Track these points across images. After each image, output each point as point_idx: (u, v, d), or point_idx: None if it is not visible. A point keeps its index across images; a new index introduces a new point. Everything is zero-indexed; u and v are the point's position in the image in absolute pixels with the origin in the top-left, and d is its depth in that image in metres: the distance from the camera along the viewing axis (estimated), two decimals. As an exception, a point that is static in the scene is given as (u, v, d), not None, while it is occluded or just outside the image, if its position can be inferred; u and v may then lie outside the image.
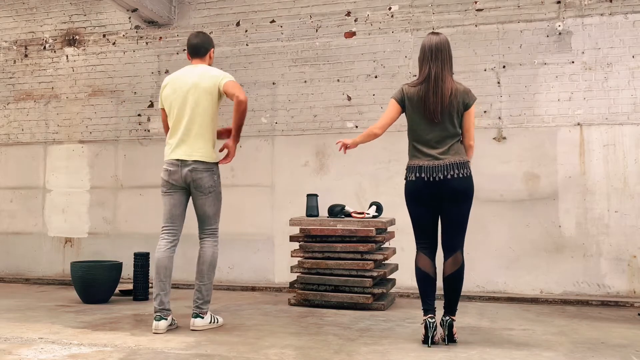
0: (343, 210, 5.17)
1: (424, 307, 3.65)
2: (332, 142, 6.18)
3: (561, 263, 5.50)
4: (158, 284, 3.97)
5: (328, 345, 3.60)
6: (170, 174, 4.01)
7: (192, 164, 3.96)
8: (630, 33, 5.49)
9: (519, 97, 5.72)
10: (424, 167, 3.59)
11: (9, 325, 4.18)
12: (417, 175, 3.61)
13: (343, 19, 6.25)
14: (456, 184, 3.56)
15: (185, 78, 4.05)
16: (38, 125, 7.22)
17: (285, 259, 5.98)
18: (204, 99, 3.98)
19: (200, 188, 4.00)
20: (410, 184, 3.67)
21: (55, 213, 7.03)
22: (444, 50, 3.63)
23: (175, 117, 4.03)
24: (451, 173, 3.55)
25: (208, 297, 4.07)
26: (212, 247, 4.11)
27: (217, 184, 4.06)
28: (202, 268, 4.07)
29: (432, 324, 3.55)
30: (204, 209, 4.06)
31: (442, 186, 3.56)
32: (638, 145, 5.43)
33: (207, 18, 6.69)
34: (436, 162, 3.57)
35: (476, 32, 5.86)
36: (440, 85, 3.57)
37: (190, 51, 4.18)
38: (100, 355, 3.35)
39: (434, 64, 3.60)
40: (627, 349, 3.53)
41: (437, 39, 3.66)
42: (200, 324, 4.02)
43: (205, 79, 3.99)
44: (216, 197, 4.07)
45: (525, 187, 5.63)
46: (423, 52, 3.67)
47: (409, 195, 3.70)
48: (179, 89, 4.03)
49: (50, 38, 7.26)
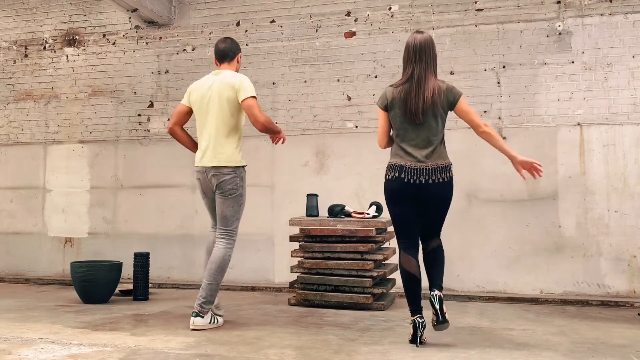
0: (343, 210, 5.17)
1: (411, 308, 3.59)
2: (332, 142, 6.19)
3: (561, 263, 5.50)
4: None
5: (328, 345, 3.60)
6: (200, 182, 4.19)
7: (216, 168, 4.06)
8: (630, 33, 5.49)
9: (519, 97, 5.72)
10: (405, 168, 3.57)
11: (9, 325, 4.18)
12: (396, 175, 3.58)
13: (343, 19, 6.25)
14: (437, 189, 3.55)
15: (210, 85, 4.14)
16: (38, 125, 7.22)
17: (285, 259, 5.98)
18: (225, 107, 4.08)
19: (221, 189, 4.07)
20: (389, 182, 3.64)
21: (55, 213, 7.03)
22: (428, 50, 3.60)
23: (202, 123, 4.16)
24: (433, 178, 3.54)
25: (211, 297, 4.07)
26: (225, 249, 4.10)
27: (239, 187, 4.11)
28: (211, 267, 4.08)
29: (421, 324, 3.53)
30: (222, 209, 4.10)
31: (422, 190, 3.55)
32: (638, 145, 5.43)
33: (207, 18, 6.69)
34: (419, 164, 3.55)
35: (476, 32, 5.86)
36: (422, 86, 3.54)
37: (218, 56, 4.27)
38: (100, 355, 3.35)
39: (417, 65, 3.57)
40: (627, 349, 3.53)
41: (421, 37, 3.61)
42: (200, 323, 4.02)
43: (225, 88, 4.08)
44: (236, 201, 4.11)
45: (525, 187, 5.63)
46: (407, 52, 3.62)
47: (388, 194, 3.67)
48: (205, 96, 4.14)
49: (50, 38, 7.26)
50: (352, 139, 6.12)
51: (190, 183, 6.58)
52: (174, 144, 6.69)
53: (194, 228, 6.53)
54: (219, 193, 4.09)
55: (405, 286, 3.64)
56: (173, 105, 6.73)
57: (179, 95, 6.71)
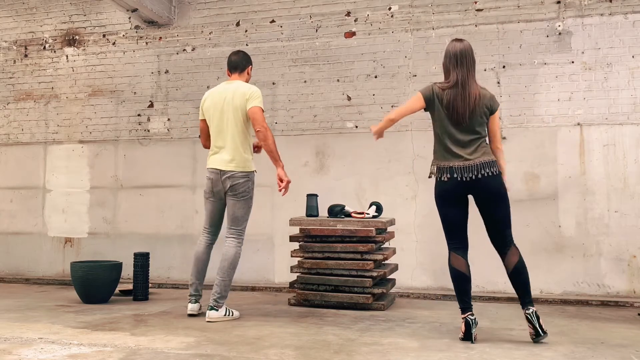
0: (343, 210, 5.17)
1: (461, 306, 3.72)
2: (332, 142, 6.19)
3: (561, 263, 5.50)
4: (195, 274, 4.49)
5: (328, 345, 3.60)
6: (211, 182, 4.45)
7: (230, 172, 4.38)
8: (630, 33, 5.49)
9: (519, 97, 5.72)
10: (455, 168, 3.70)
11: (9, 325, 4.18)
12: (449, 176, 3.71)
13: (343, 19, 6.25)
14: (489, 182, 3.68)
15: (223, 93, 4.46)
16: (38, 125, 7.22)
17: (285, 259, 5.98)
18: (236, 114, 4.39)
19: (234, 192, 4.39)
20: (442, 184, 3.76)
21: (55, 213, 7.03)
22: (468, 57, 3.79)
23: (214, 129, 4.46)
24: (482, 172, 3.66)
25: (225, 292, 4.37)
26: (235, 247, 4.42)
27: (250, 190, 4.45)
28: (223, 265, 4.38)
29: (473, 321, 3.65)
30: (234, 210, 4.41)
31: (475, 185, 3.68)
32: (638, 145, 5.43)
33: (207, 18, 6.69)
34: (467, 162, 3.68)
35: (476, 32, 5.86)
36: (467, 91, 3.71)
37: (230, 67, 4.59)
38: (100, 355, 3.35)
39: (460, 70, 3.75)
40: (627, 349, 3.53)
41: (461, 45, 3.81)
42: (215, 315, 4.30)
43: (238, 96, 4.39)
44: (247, 203, 4.44)
45: (525, 187, 5.63)
46: (448, 58, 3.81)
47: (440, 195, 3.79)
48: (217, 104, 4.44)
49: (50, 38, 7.26)
50: (352, 139, 6.12)
51: (190, 183, 6.58)
52: (174, 144, 6.71)
53: (193, 228, 6.53)
54: (231, 195, 4.39)
55: (455, 284, 3.77)
56: (173, 105, 6.74)
57: (179, 95, 6.73)
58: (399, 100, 5.87)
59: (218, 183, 4.41)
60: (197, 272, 4.53)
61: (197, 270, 4.53)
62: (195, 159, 6.57)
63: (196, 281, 4.52)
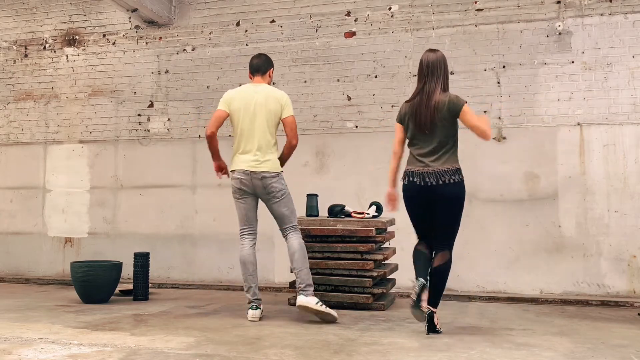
0: (343, 210, 5.17)
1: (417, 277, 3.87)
2: (332, 142, 6.19)
3: (561, 263, 5.50)
4: (248, 278, 4.48)
5: (328, 345, 3.60)
6: (242, 182, 4.45)
7: (262, 174, 4.41)
8: (630, 33, 5.49)
9: (519, 97, 5.72)
10: (415, 172, 3.92)
11: (9, 325, 4.18)
12: (410, 180, 3.95)
13: (343, 19, 6.25)
14: (446, 189, 3.83)
15: (253, 96, 4.47)
16: (38, 125, 7.23)
17: (285, 259, 5.95)
18: (269, 117, 4.45)
19: (272, 194, 4.44)
20: (404, 186, 4.02)
21: (55, 213, 7.03)
22: (439, 67, 3.92)
23: (244, 131, 4.45)
24: (442, 179, 3.83)
25: (308, 280, 4.36)
26: (298, 238, 4.47)
27: (285, 186, 4.50)
28: (294, 257, 4.41)
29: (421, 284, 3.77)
30: (281, 210, 4.47)
31: (433, 191, 3.85)
32: (638, 145, 5.43)
33: (207, 18, 6.69)
34: (427, 168, 3.87)
35: (476, 32, 5.86)
36: (431, 99, 3.87)
37: (252, 69, 4.61)
38: (100, 355, 3.35)
39: (428, 80, 3.92)
40: (627, 349, 3.53)
41: (434, 56, 3.95)
42: (304, 300, 4.27)
43: (272, 101, 4.46)
44: (288, 199, 4.50)
45: (525, 187, 5.63)
46: (420, 68, 3.98)
47: (403, 196, 4.05)
48: (248, 105, 4.45)
49: (50, 38, 7.26)
50: (352, 139, 6.12)
51: (190, 183, 6.58)
52: (174, 144, 6.71)
53: (193, 228, 6.53)
54: (270, 197, 4.45)
55: (415, 260, 3.98)
56: (173, 105, 6.74)
57: (179, 95, 6.72)
58: (399, 100, 5.86)
59: (251, 184, 4.43)
60: (250, 275, 4.48)
61: (250, 272, 4.49)
62: (195, 159, 6.58)
63: (252, 284, 4.47)
